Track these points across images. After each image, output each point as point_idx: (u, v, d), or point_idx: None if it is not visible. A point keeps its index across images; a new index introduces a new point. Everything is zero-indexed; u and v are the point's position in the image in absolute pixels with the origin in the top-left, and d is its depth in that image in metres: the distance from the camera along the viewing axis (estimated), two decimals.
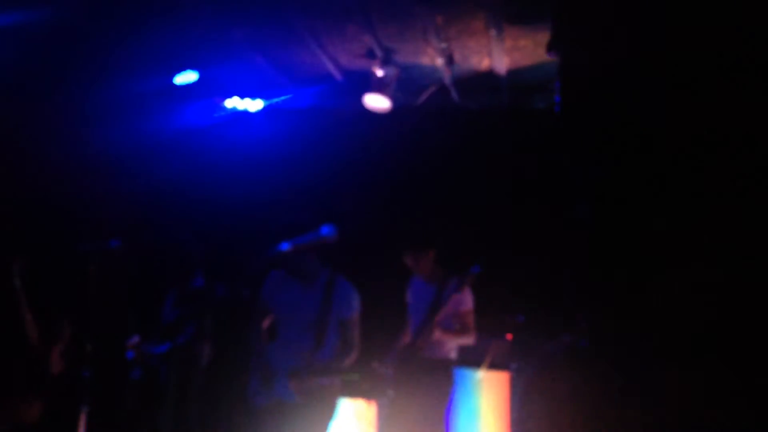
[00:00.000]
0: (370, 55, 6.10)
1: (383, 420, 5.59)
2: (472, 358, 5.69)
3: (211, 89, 6.70)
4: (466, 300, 5.44)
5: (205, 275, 5.10)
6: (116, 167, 6.34)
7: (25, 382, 5.36)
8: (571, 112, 2.62)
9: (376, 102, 6.33)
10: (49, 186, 5.99)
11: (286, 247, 3.81)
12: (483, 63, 6.04)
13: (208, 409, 5.20)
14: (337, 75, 6.54)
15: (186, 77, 6.30)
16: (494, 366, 5.86)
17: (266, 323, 4.48)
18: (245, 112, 6.98)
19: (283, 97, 7.02)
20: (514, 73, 6.13)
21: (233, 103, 6.91)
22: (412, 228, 5.59)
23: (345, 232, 4.26)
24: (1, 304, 5.42)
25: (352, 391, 5.56)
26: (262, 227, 4.39)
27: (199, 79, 6.39)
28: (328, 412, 4.31)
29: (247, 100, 6.94)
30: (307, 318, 4.27)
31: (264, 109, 7.02)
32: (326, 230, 3.94)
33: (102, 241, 4.49)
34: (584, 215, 2.58)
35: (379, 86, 6.29)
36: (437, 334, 5.30)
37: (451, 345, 5.41)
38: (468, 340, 5.44)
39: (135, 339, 5.05)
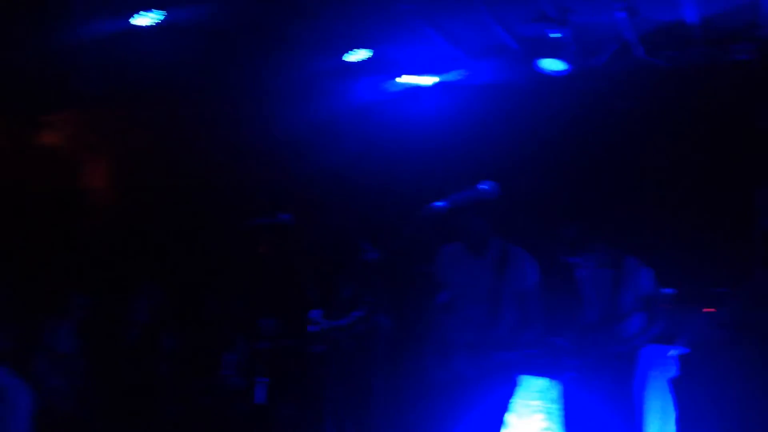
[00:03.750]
0: (544, 17, 5.78)
1: (567, 399, 5.27)
2: (666, 334, 5.19)
3: (385, 66, 6.70)
4: (644, 282, 4.97)
5: (378, 247, 5.07)
6: (292, 146, 6.51)
7: None
8: None
9: (553, 66, 6.01)
10: (229, 167, 6.26)
11: (442, 204, 3.62)
12: (672, 13, 5.51)
13: (388, 382, 5.17)
14: (511, 42, 6.28)
15: (359, 55, 6.35)
16: (690, 342, 5.32)
17: (444, 297, 4.36)
18: (419, 88, 6.90)
19: (456, 72, 6.86)
20: (708, 22, 5.54)
21: (407, 79, 6.86)
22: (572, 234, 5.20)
23: (519, 204, 4.04)
24: None
25: (534, 368, 5.28)
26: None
27: (373, 57, 6.42)
28: (507, 387, 4.13)
29: (422, 76, 6.86)
30: (482, 291, 4.11)
31: (438, 84, 6.90)
32: (485, 186, 3.69)
33: (273, 216, 4.57)
34: None
35: (555, 49, 5.97)
36: None
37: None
38: (657, 328, 5.00)
39: (317, 313, 5.12)
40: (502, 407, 4.08)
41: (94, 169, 6.85)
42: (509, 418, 4.14)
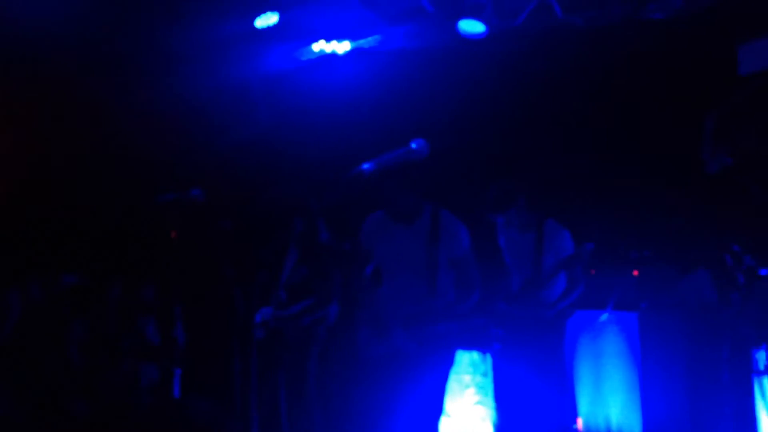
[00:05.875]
0: None
1: (497, 371, 5.16)
2: (594, 299, 5.13)
3: (297, 32, 6.36)
4: (564, 245, 4.88)
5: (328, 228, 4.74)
6: (201, 116, 6.11)
7: None
8: None
9: (471, 28, 5.83)
10: (130, 136, 5.83)
11: (368, 167, 3.36)
12: None
13: (324, 365, 4.91)
14: (427, 5, 6.05)
15: (267, 20, 5.98)
16: (620, 306, 5.29)
17: (371, 269, 4.13)
18: (332, 55, 6.59)
19: (372, 37, 6.59)
20: None
21: (320, 46, 6.53)
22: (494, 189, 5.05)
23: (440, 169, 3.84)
24: None
25: (464, 341, 5.14)
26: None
27: (282, 21, 6.07)
28: (446, 360, 3.97)
29: (334, 42, 6.55)
30: (415, 260, 3.91)
31: (352, 51, 6.61)
32: (416, 145, 3.44)
33: (183, 192, 4.19)
34: None
35: (472, 11, 5.80)
36: None
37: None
38: (578, 291, 4.93)
39: (268, 310, 4.73)
40: (443, 383, 3.91)
41: None
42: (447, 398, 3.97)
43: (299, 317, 4.43)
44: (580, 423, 5.26)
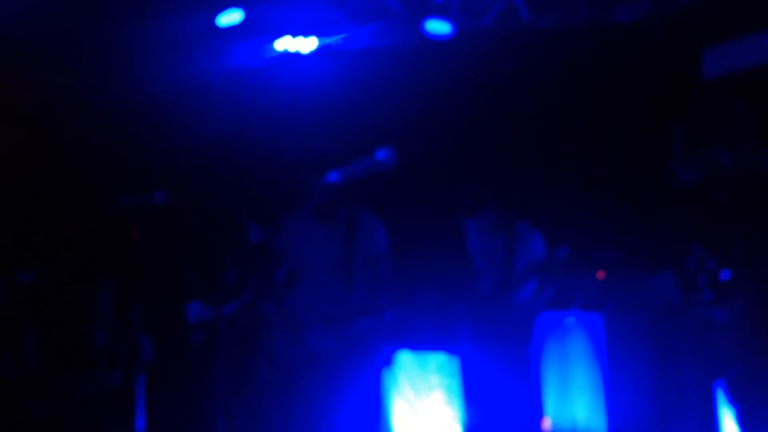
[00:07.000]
0: None
1: (466, 372, 5.15)
2: (560, 300, 5.16)
3: (261, 29, 6.26)
4: (536, 247, 4.90)
5: (261, 227, 4.70)
6: (162, 116, 5.99)
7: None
8: None
9: (437, 28, 5.83)
10: (87, 134, 5.69)
11: (335, 178, 3.33)
12: None
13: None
14: (394, 4, 6.01)
15: (230, 17, 5.88)
16: (586, 307, 5.34)
17: (286, 269, 4.07)
18: (297, 54, 6.51)
19: (336, 36, 6.53)
20: None
21: (285, 44, 6.45)
22: (465, 192, 5.05)
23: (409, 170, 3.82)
24: None
25: (428, 342, 5.13)
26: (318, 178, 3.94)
27: (248, 19, 5.97)
28: (370, 361, 3.93)
29: (299, 39, 6.47)
30: (332, 258, 3.90)
31: (317, 49, 6.54)
32: (382, 154, 3.41)
33: (145, 194, 4.10)
34: None
35: (439, 11, 5.80)
36: None
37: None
38: (549, 293, 4.94)
39: (195, 305, 4.70)
40: (372, 382, 3.88)
41: None
42: (395, 394, 3.95)
43: (232, 317, 4.41)
44: (547, 423, 5.29)
